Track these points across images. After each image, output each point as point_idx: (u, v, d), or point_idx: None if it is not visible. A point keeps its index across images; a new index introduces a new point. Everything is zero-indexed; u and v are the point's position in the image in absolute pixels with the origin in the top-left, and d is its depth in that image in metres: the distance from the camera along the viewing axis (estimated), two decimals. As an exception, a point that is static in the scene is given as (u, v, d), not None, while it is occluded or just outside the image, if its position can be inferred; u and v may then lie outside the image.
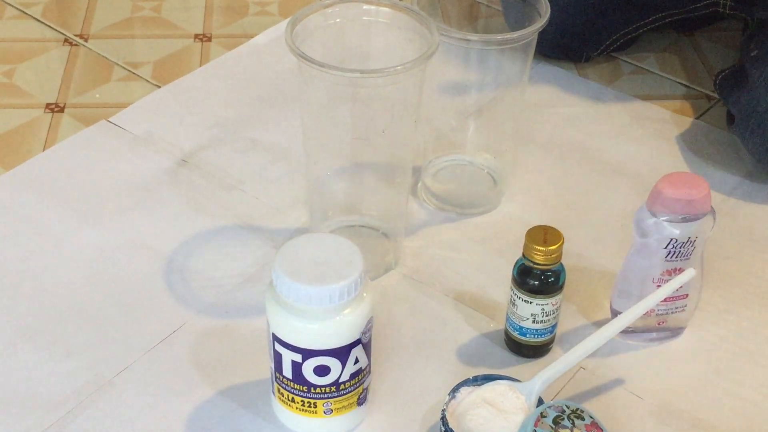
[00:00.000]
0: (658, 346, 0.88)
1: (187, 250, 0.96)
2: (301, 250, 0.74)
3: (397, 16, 0.89)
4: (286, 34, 0.83)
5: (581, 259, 0.96)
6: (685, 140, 1.14)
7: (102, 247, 0.97)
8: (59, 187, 1.03)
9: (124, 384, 0.84)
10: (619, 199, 1.04)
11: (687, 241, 0.82)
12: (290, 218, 1.00)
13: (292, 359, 0.74)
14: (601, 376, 0.86)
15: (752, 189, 1.07)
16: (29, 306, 0.90)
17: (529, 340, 0.85)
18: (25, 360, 0.85)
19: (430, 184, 1.03)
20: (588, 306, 0.91)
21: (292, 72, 0.87)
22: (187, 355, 0.86)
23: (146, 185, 1.04)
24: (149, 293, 0.92)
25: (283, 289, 0.72)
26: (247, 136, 1.11)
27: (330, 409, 0.77)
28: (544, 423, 0.73)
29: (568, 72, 1.24)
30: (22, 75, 1.22)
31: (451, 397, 0.78)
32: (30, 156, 1.08)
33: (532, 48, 0.95)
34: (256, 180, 1.05)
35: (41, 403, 0.82)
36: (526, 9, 0.96)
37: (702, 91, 1.23)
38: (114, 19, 1.34)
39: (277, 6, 1.38)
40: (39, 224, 0.99)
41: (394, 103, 0.87)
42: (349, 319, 0.73)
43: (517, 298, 0.84)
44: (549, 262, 0.82)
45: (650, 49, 1.30)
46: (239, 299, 0.91)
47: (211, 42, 1.29)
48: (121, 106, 1.16)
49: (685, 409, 0.83)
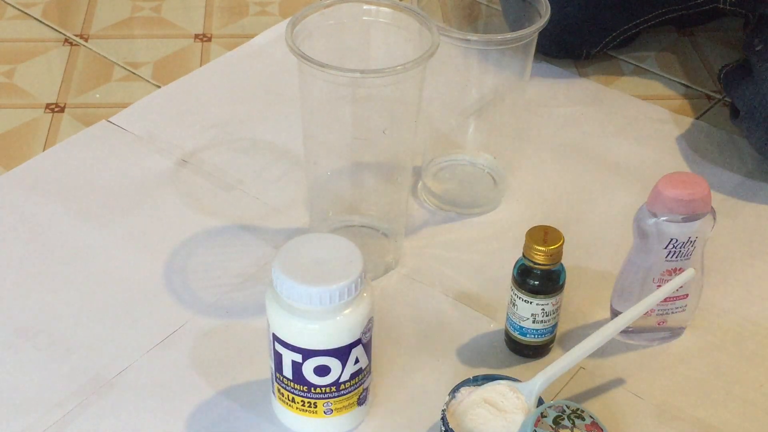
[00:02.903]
0: (658, 346, 0.89)
1: (187, 250, 0.96)
2: (301, 250, 0.74)
3: (397, 16, 0.89)
4: (286, 34, 0.83)
5: (581, 259, 0.96)
6: (685, 140, 1.14)
7: (102, 247, 0.97)
8: (59, 187, 1.03)
9: (124, 384, 0.84)
10: (619, 199, 1.04)
11: (687, 241, 0.82)
12: (290, 218, 1.00)
13: (293, 359, 0.74)
14: (601, 376, 0.86)
15: (752, 189, 1.07)
16: (29, 306, 0.90)
17: (530, 340, 0.85)
18: (25, 360, 0.85)
19: (430, 184, 1.03)
20: (588, 306, 0.91)
21: (292, 72, 0.87)
22: (187, 355, 0.86)
23: (146, 185, 1.04)
24: (149, 293, 0.92)
25: (283, 289, 0.72)
26: (247, 136, 1.11)
27: (330, 409, 0.77)
28: (544, 423, 0.73)
29: (568, 72, 1.24)
30: (22, 75, 1.22)
31: (451, 397, 0.78)
32: (30, 156, 1.08)
33: (533, 48, 0.95)
34: (256, 180, 1.05)
35: (41, 403, 0.82)
36: (526, 9, 0.96)
37: (702, 91, 1.23)
38: (114, 19, 1.34)
39: (277, 6, 1.38)
40: (39, 224, 0.99)
41: (394, 103, 0.87)
42: (349, 319, 0.73)
43: (518, 298, 0.84)
44: (549, 262, 0.82)
45: (650, 49, 1.30)
46: (239, 299, 0.91)
47: (211, 42, 1.29)
48: (121, 106, 1.16)
49: (685, 409, 0.83)
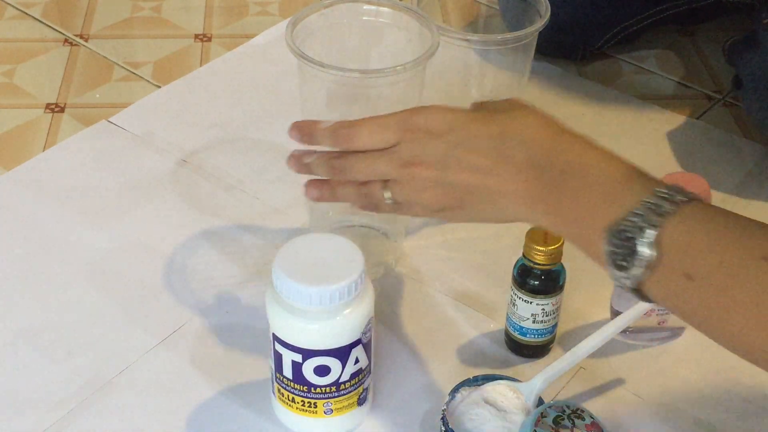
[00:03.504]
0: (658, 346, 0.88)
1: (187, 250, 0.96)
2: (301, 250, 0.74)
3: (397, 16, 0.89)
4: (286, 34, 0.84)
5: (581, 259, 0.95)
6: (685, 140, 1.14)
7: (102, 247, 0.97)
8: (59, 187, 1.03)
9: (124, 384, 0.84)
10: (619, 199, 1.04)
11: (687, 241, 0.82)
12: (290, 218, 1.00)
13: (293, 359, 0.74)
14: (601, 376, 0.86)
15: (752, 189, 1.07)
16: (29, 306, 0.90)
17: (530, 340, 0.85)
18: (25, 360, 0.85)
19: (430, 184, 1.03)
20: (588, 306, 0.91)
21: (292, 72, 0.87)
22: (187, 355, 0.86)
23: (146, 185, 1.04)
24: (149, 293, 0.92)
25: (283, 289, 0.72)
26: (247, 136, 1.11)
27: (330, 409, 0.77)
28: (544, 423, 0.73)
29: (567, 72, 1.24)
30: (22, 75, 1.22)
31: (451, 397, 0.78)
32: (30, 156, 1.08)
33: (532, 48, 0.95)
34: (256, 180, 1.05)
35: (41, 403, 0.82)
36: (526, 9, 0.96)
37: (702, 91, 1.23)
38: (114, 19, 1.34)
39: (277, 6, 1.38)
40: (39, 224, 0.99)
41: (394, 103, 0.87)
42: (349, 319, 0.73)
43: (518, 298, 0.84)
44: (549, 262, 0.82)
45: (650, 49, 1.30)
46: (239, 299, 0.91)
47: (211, 42, 1.29)
48: (121, 106, 1.16)
49: (685, 409, 0.83)
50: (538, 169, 0.68)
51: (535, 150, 0.69)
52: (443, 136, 0.71)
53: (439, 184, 0.72)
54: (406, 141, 0.72)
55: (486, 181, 0.70)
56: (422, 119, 0.72)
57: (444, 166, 0.71)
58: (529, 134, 0.69)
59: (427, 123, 0.72)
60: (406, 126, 0.72)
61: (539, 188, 0.68)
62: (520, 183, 0.69)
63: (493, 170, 0.70)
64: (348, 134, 0.74)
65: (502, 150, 0.69)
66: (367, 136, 0.74)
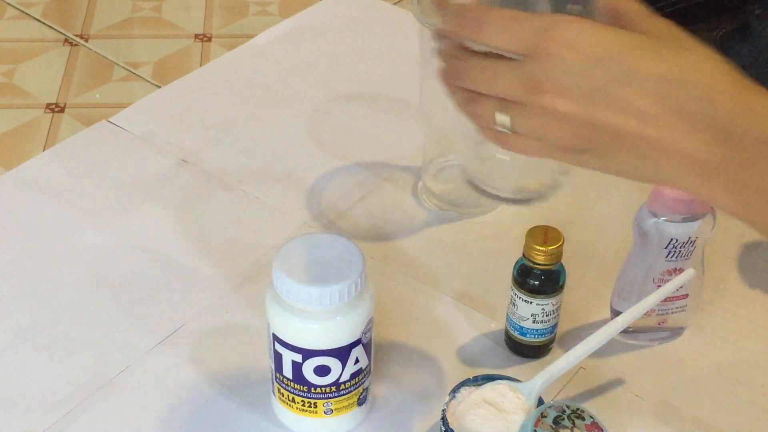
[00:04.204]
0: (658, 346, 0.88)
1: (187, 250, 0.96)
2: (301, 250, 0.74)
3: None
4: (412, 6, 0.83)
5: (581, 259, 0.96)
6: (685, 140, 1.13)
7: (102, 247, 0.97)
8: (59, 187, 1.03)
9: (124, 384, 0.84)
10: (619, 198, 1.04)
11: (687, 241, 0.82)
12: (290, 218, 1.00)
13: (293, 359, 0.74)
14: (601, 376, 0.86)
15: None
16: (29, 306, 0.90)
17: (530, 340, 0.85)
18: (25, 360, 0.85)
19: (430, 184, 1.03)
20: (588, 306, 0.91)
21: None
22: (187, 355, 0.86)
23: (146, 185, 1.04)
24: (149, 293, 0.92)
25: (283, 289, 0.72)
26: (247, 136, 1.11)
27: (330, 409, 0.77)
28: (544, 423, 0.73)
29: (568, 72, 1.24)
30: (22, 75, 1.22)
31: (451, 397, 0.78)
32: (30, 156, 1.08)
33: (533, 48, 0.95)
34: (256, 180, 1.05)
35: (41, 403, 0.82)
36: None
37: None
38: (114, 19, 1.34)
39: (277, 6, 1.38)
40: (39, 224, 0.99)
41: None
42: (349, 319, 0.73)
43: (518, 298, 0.84)
44: (549, 262, 0.82)
45: (650, 49, 1.30)
46: (239, 299, 0.91)
47: (211, 42, 1.29)
48: (121, 106, 1.16)
49: (685, 409, 0.83)
50: (722, 133, 0.55)
51: (718, 108, 0.55)
52: (596, 61, 0.56)
53: (580, 123, 0.57)
54: (541, 56, 0.57)
55: (647, 131, 0.56)
56: (571, 32, 0.56)
57: (591, 101, 0.56)
58: (709, 85, 0.55)
59: (577, 39, 0.56)
60: (548, 33, 0.56)
61: (723, 160, 0.55)
62: (694, 146, 0.55)
63: (660, 120, 0.55)
64: (476, 19, 0.59)
65: (676, 97, 0.55)
66: (496, 25, 0.58)
